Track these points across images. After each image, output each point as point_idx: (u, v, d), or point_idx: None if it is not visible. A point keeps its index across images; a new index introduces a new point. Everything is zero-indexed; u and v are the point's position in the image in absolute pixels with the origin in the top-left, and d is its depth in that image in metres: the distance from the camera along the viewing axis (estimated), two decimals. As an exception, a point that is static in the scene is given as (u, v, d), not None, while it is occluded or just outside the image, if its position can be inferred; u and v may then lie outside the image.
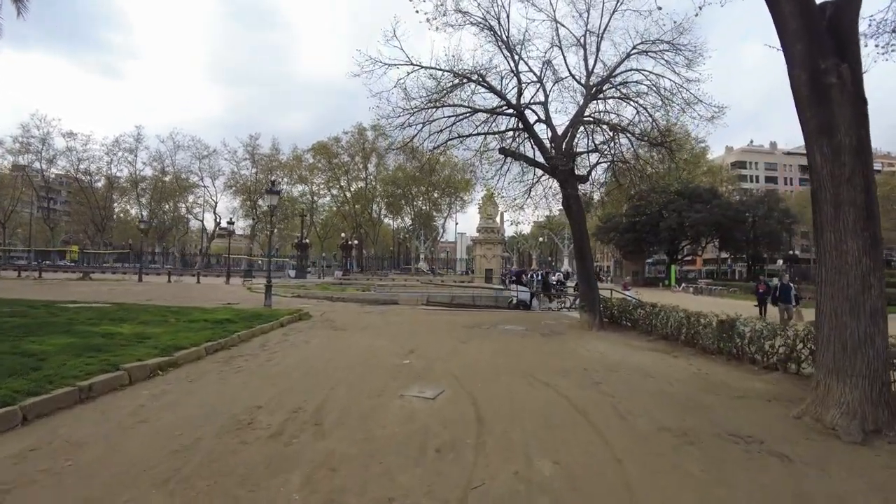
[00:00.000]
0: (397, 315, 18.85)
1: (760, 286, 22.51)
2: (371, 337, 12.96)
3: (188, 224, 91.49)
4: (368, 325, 15.41)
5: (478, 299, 23.57)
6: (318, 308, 20.69)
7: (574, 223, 15.92)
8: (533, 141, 16.80)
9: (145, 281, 39.34)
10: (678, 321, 12.58)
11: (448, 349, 11.08)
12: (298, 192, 79.08)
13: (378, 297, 24.56)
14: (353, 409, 6.40)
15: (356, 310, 20.58)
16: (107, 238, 79.97)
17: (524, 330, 14.91)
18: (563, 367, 9.23)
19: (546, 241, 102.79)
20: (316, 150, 72.34)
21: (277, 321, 14.81)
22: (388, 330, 14.44)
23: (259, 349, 10.80)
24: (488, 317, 18.69)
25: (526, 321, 17.26)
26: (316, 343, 11.77)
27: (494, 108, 16.80)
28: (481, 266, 52.63)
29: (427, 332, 13.95)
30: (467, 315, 19.10)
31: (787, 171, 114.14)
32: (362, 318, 17.35)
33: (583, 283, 15.40)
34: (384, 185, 73.98)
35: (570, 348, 11.68)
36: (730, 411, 6.64)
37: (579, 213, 15.96)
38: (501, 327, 15.48)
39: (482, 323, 16.45)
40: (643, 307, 14.34)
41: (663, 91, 16.00)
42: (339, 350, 10.80)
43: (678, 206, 58.75)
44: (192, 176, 79.08)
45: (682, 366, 9.79)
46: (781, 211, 66.22)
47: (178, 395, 6.96)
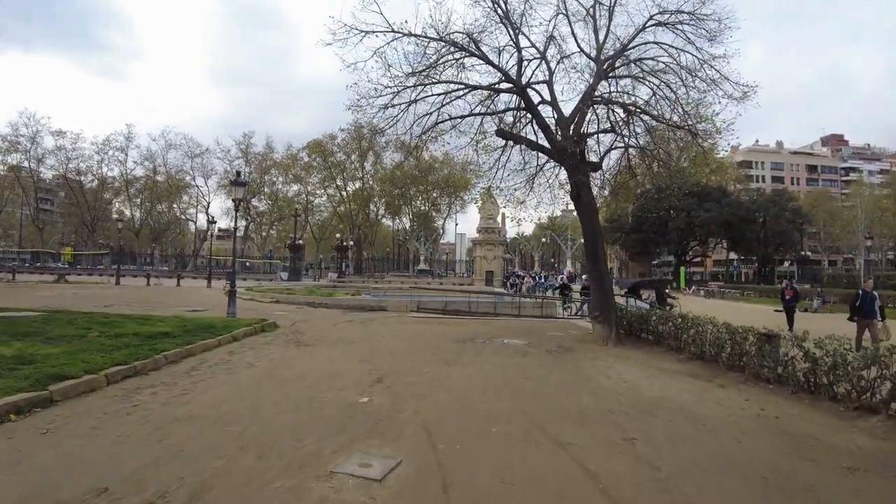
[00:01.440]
0: (381, 324, 16.40)
1: (788, 291, 20.03)
2: (338, 356, 10.49)
3: (187, 225, 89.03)
4: (341, 339, 12.95)
5: (475, 305, 21.11)
6: (292, 316, 18.30)
7: (585, 217, 13.44)
8: (536, 122, 14.34)
9: (123, 284, 37.25)
10: (716, 337, 10.09)
11: (427, 376, 8.60)
12: (294, 192, 76.88)
13: (364, 303, 22.15)
14: (243, 501, 3.94)
15: (336, 318, 18.12)
16: (100, 239, 77.75)
17: (526, 345, 12.43)
18: (580, 409, 6.74)
19: (549, 242, 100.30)
20: (311, 148, 69.98)
21: (230, 335, 12.41)
22: (363, 345, 11.98)
23: (183, 375, 8.35)
24: (484, 327, 16.22)
25: (528, 333, 14.78)
26: (261, 367, 9.29)
27: (491, 85, 14.38)
28: (482, 268, 50.29)
29: (408, 349, 11.48)
30: (460, 325, 16.63)
31: (793, 170, 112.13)
32: (337, 330, 14.90)
33: (596, 288, 12.93)
34: (382, 184, 71.53)
35: (585, 374, 9.18)
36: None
37: (591, 205, 13.49)
38: (499, 341, 13.01)
39: (476, 335, 13.98)
40: (671, 319, 11.83)
41: (683, 68, 13.60)
42: (286, 379, 8.31)
43: (687, 205, 56.26)
44: (185, 175, 76.85)
45: (736, 402, 7.29)
46: (793, 210, 63.78)
47: (-9, 464, 4.53)
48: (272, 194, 77.28)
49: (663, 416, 6.49)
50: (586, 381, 8.47)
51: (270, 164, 75.67)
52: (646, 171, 15.65)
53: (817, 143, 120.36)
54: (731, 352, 9.45)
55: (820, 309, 31.03)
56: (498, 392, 7.56)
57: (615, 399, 7.29)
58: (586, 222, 13.46)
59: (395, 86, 13.93)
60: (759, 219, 60.25)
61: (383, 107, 14.20)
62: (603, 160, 14.58)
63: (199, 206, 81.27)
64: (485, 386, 7.93)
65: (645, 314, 13.20)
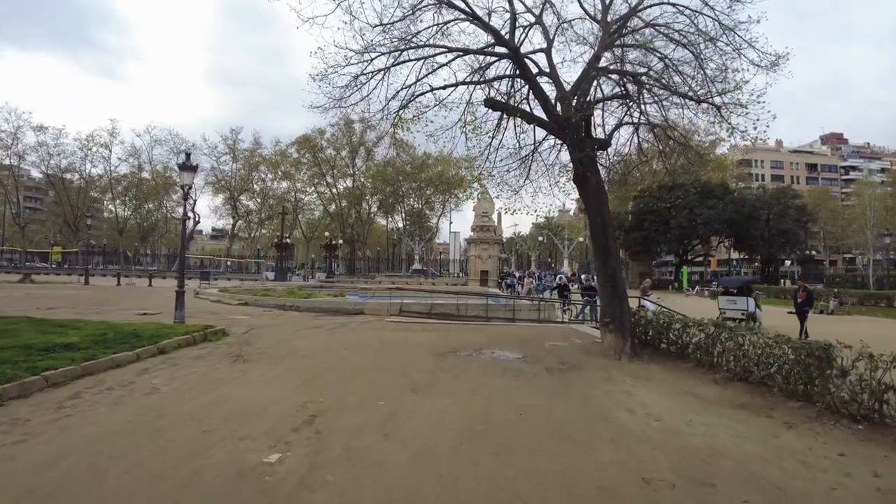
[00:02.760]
0: (351, 332, 14.03)
1: (800, 293, 17.68)
2: (275, 378, 8.11)
3: (175, 223, 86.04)
4: (293, 353, 10.57)
5: (464, 308, 18.74)
6: (253, 321, 15.99)
7: (592, 203, 11.07)
8: (534, 93, 11.99)
9: (93, 284, 35.07)
10: (763, 350, 7.77)
11: (383, 413, 6.23)
12: (283, 189, 74.34)
13: (341, 306, 19.80)
14: None
15: (302, 324, 15.76)
16: (83, 239, 75.09)
17: (520, 360, 10.07)
18: (602, 478, 4.37)
19: (545, 242, 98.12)
20: (300, 143, 67.37)
21: (156, 346, 10.07)
22: (315, 362, 9.60)
23: (49, 408, 6.15)
24: (473, 334, 13.86)
25: (524, 342, 12.42)
26: (165, 395, 6.91)
27: (480, 50, 12.09)
28: (476, 268, 48.01)
29: (371, 368, 9.09)
30: (445, 332, 14.26)
31: (793, 169, 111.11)
32: (296, 339, 12.54)
33: (606, 290, 10.54)
34: (374, 180, 69.01)
35: (599, 406, 6.79)
36: None
37: (598, 188, 11.12)
38: (487, 354, 10.65)
39: (462, 346, 11.61)
40: (701, 327, 9.44)
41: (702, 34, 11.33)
42: (179, 418, 5.93)
43: (689, 202, 54.09)
44: (171, 172, 74.02)
45: (827, 458, 4.94)
46: (797, 208, 61.60)
47: None
48: (261, 192, 74.69)
49: (730, 490, 4.14)
50: (602, 420, 6.09)
51: (259, 161, 73.01)
52: (658, 154, 13.34)
53: (816, 141, 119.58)
54: (796, 375, 7.08)
55: (836, 310, 28.82)
56: (477, 442, 5.18)
57: (648, 454, 4.92)
58: (594, 209, 11.08)
59: (365, 48, 11.66)
60: (763, 216, 58.04)
61: (354, 77, 11.93)
62: (612, 137, 12.26)
63: (183, 203, 78.62)
64: (460, 431, 5.53)
65: (664, 320, 10.85)
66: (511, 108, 11.58)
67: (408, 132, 12.82)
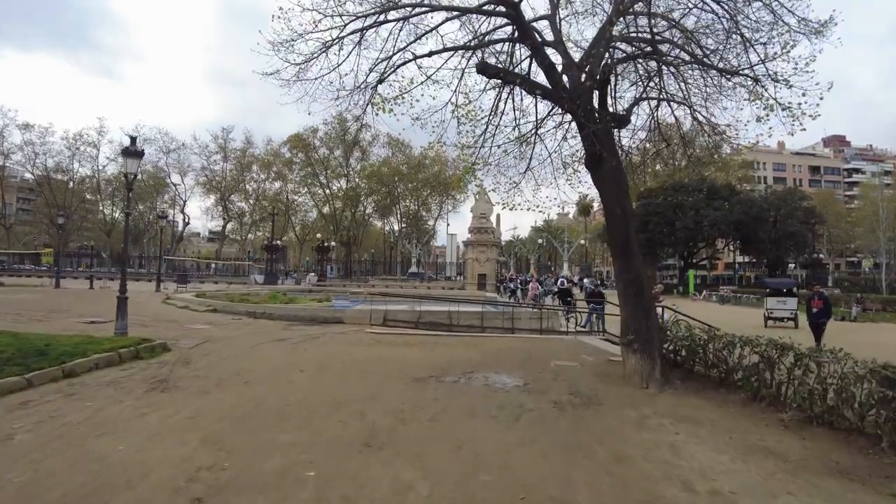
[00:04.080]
0: (318, 347, 11.83)
1: (815, 301, 15.13)
2: (184, 422, 5.89)
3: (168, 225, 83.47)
4: (234, 378, 8.38)
5: (456, 317, 16.58)
6: (212, 332, 13.93)
7: (609, 192, 8.87)
8: (536, 60, 9.86)
9: (65, 288, 32.94)
10: (858, 387, 5.62)
11: (310, 493, 4.05)
12: (276, 190, 72.09)
13: (317, 314, 17.58)
14: None
15: (268, 335, 13.58)
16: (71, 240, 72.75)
17: (521, 389, 7.85)
18: None
19: (545, 245, 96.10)
20: (292, 142, 65.23)
21: (61, 368, 8.05)
22: (254, 392, 7.38)
23: None
24: (464, 350, 11.66)
25: (525, 362, 10.21)
26: (8, 451, 4.75)
27: (473, 8, 9.98)
28: (474, 271, 45.81)
29: (320, 403, 6.87)
30: (431, 347, 12.05)
31: (796, 171, 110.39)
32: (247, 358, 10.34)
33: (628, 300, 8.24)
34: (369, 180, 66.80)
35: (638, 475, 4.55)
36: None
37: (617, 173, 8.93)
38: (479, 379, 8.44)
39: (449, 366, 9.41)
40: (755, 348, 7.22)
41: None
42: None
43: (696, 203, 52.00)
44: (159, 172, 71.75)
45: None
46: (805, 210, 59.65)
47: None
48: (253, 192, 72.43)
49: None
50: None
51: (251, 161, 70.77)
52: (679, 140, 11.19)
53: (819, 143, 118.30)
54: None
55: (859, 317, 26.69)
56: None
57: None
58: (611, 198, 8.89)
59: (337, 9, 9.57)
60: (770, 218, 55.99)
61: (324, 45, 9.83)
62: (631, 112, 10.08)
63: (174, 206, 76.36)
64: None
65: (700, 336, 8.64)
66: (509, 75, 9.43)
67: (390, 114, 10.59)
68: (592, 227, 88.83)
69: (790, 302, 23.36)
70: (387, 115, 10.44)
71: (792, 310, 23.24)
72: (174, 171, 70.46)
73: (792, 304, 23.35)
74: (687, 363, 8.83)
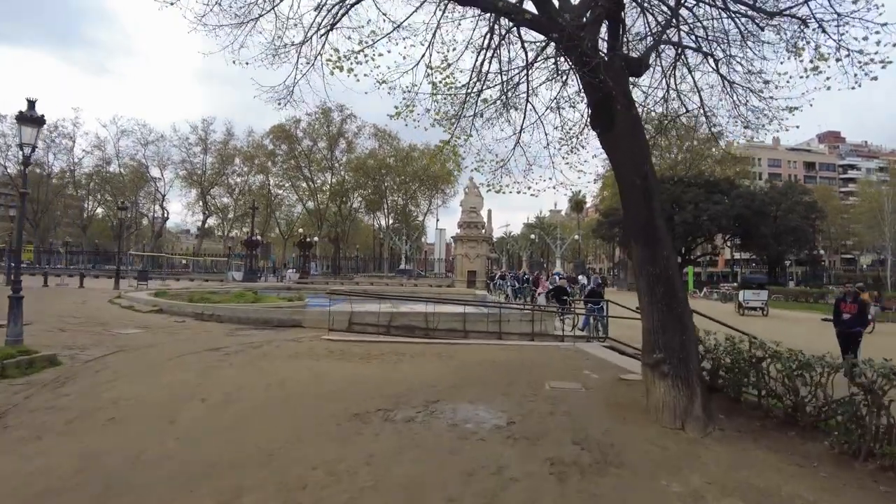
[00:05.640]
0: (252, 362, 9.35)
1: (847, 305, 10.99)
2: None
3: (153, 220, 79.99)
4: (95, 413, 5.93)
5: (435, 320, 14.15)
6: (138, 338, 11.74)
7: (624, 157, 6.39)
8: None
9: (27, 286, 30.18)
10: None
11: None
12: (259, 184, 69.13)
13: (271, 317, 15.08)
14: None
15: (202, 343, 11.13)
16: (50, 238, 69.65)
17: (503, 433, 5.38)
18: None
19: (537, 242, 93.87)
20: (274, 133, 62.38)
21: None
22: (101, 440, 4.92)
23: None
24: (436, 366, 9.22)
25: (512, 384, 7.74)
26: None
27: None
28: (463, 267, 43.46)
29: (182, 470, 4.42)
30: (394, 363, 9.56)
31: (791, 167, 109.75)
32: (146, 379, 7.85)
33: (654, 303, 5.67)
34: (355, 174, 64.06)
35: None
36: None
37: (634, 130, 6.50)
38: (446, 415, 5.98)
39: (408, 394, 6.95)
40: (855, 377, 4.83)
41: None
42: None
43: (694, 197, 49.72)
44: (139, 166, 68.63)
45: None
46: (806, 205, 57.64)
47: None
48: (235, 186, 69.46)
49: None
50: None
51: (233, 153, 67.77)
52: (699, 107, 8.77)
53: (814, 140, 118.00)
54: None
55: (878, 317, 24.45)
56: None
57: None
58: (627, 165, 6.45)
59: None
60: (771, 213, 53.87)
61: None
62: (649, 57, 7.65)
63: (154, 200, 73.41)
64: None
65: (749, 352, 6.24)
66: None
67: (349, 74, 8.07)
68: (585, 223, 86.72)
69: (762, 294, 28.47)
70: (345, 75, 7.97)
71: (763, 300, 28.06)
72: (153, 164, 67.56)
73: (763, 296, 28.28)
74: (731, 387, 6.44)
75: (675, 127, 10.39)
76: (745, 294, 28.96)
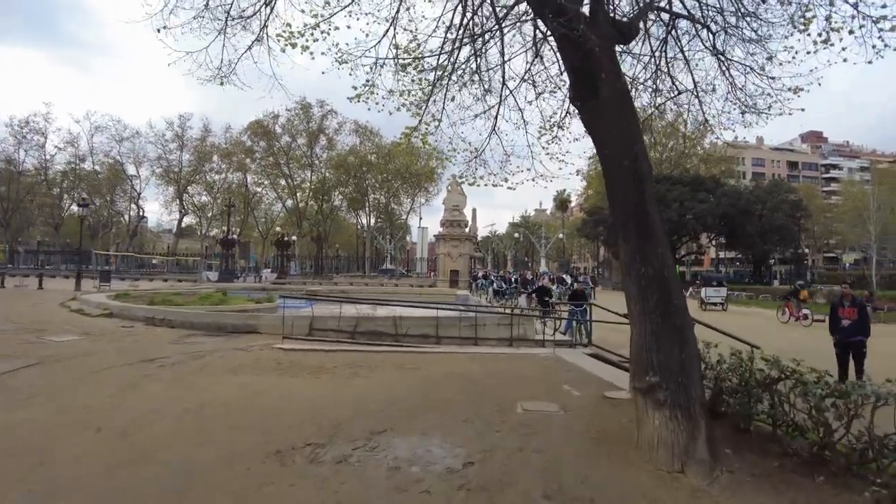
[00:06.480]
0: (185, 377, 8.08)
1: (845, 310, 9.44)
2: None
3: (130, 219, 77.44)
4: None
5: (403, 325, 12.97)
6: (72, 346, 10.64)
7: (611, 135, 5.23)
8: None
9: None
10: None
11: None
12: (237, 182, 67.33)
13: (225, 323, 13.72)
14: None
15: (139, 353, 9.83)
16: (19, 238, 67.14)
17: (456, 480, 4.19)
18: None
19: (522, 241, 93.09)
20: (252, 129, 60.69)
21: None
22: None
23: None
24: (396, 380, 8.01)
25: (478, 403, 6.58)
26: None
27: None
28: (445, 266, 42.43)
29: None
30: (348, 377, 8.35)
31: (774, 166, 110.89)
32: (49, 400, 6.56)
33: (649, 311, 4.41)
34: (335, 171, 62.51)
35: None
36: None
37: (622, 104, 5.37)
38: (386, 453, 4.75)
39: (351, 420, 5.74)
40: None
41: None
42: None
43: (680, 196, 48.96)
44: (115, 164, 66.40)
45: None
46: (791, 203, 57.24)
47: None
48: (213, 184, 67.47)
49: None
50: None
51: (211, 150, 65.85)
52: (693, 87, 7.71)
53: (796, 139, 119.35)
54: None
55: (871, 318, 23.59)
56: None
57: None
58: (616, 144, 5.28)
59: None
60: (757, 211, 53.33)
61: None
62: (638, 23, 6.52)
63: (130, 198, 71.25)
64: None
65: (762, 371, 5.11)
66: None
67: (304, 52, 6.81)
68: (570, 222, 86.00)
69: (721, 290, 32.07)
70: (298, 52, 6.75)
71: (722, 296, 31.49)
72: (128, 161, 65.50)
73: (722, 293, 31.90)
74: (738, 413, 5.31)
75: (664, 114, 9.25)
76: (706, 291, 32.14)
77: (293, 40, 6.62)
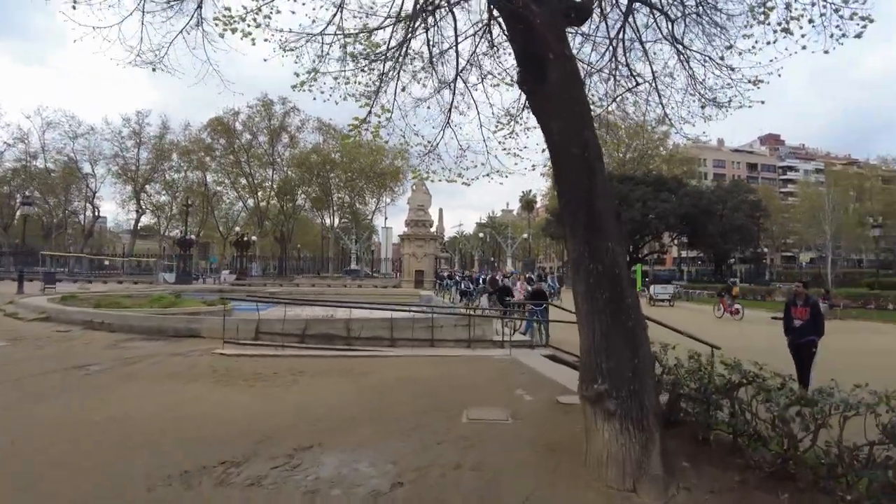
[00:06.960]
0: (108, 386, 7.35)
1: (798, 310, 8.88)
2: None
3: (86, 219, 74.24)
4: None
5: (356, 327, 12.39)
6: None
7: (561, 121, 4.82)
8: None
9: None
10: None
11: None
12: (197, 181, 65.30)
13: (166, 327, 12.92)
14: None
15: (69, 359, 9.05)
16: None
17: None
18: None
19: (489, 241, 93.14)
20: (212, 126, 58.97)
21: None
22: None
23: None
24: (338, 387, 7.45)
25: (424, 412, 6.11)
26: None
27: None
28: (410, 267, 41.87)
29: None
30: (288, 384, 7.73)
31: (734, 168, 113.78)
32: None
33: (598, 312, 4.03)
34: (298, 169, 61.23)
35: None
36: None
37: (571, 88, 4.96)
38: (306, 474, 4.22)
39: (276, 434, 5.17)
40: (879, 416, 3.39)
41: None
42: None
43: (642, 195, 49.40)
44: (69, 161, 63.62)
45: None
46: (751, 203, 58.50)
47: None
48: (172, 183, 65.24)
49: None
50: None
51: (170, 148, 63.68)
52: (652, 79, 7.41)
53: (756, 142, 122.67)
54: None
55: (828, 315, 23.92)
56: None
57: None
58: (565, 130, 4.82)
59: None
60: (718, 211, 54.27)
61: None
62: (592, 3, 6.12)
63: (84, 197, 68.43)
64: None
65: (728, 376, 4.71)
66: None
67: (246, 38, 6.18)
68: (536, 223, 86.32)
69: (669, 288, 34.45)
70: (238, 38, 6.13)
71: (669, 293, 33.89)
72: (83, 158, 62.83)
73: (670, 290, 34.26)
74: (697, 422, 4.93)
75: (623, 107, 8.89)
76: (654, 288, 34.22)
77: (233, 25, 6.05)
